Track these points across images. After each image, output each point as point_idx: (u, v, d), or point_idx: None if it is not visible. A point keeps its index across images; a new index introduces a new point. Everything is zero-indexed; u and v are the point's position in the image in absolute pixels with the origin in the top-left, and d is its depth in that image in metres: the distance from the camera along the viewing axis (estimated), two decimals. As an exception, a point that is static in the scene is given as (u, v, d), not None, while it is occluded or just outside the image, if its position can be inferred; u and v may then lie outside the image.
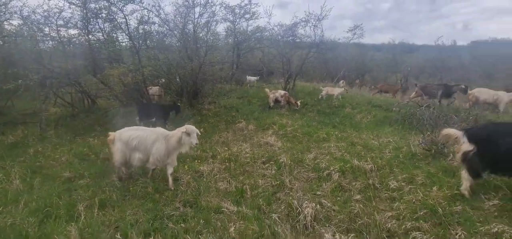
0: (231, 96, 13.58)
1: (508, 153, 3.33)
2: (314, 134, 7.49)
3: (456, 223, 3.24)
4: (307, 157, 5.84)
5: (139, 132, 4.78)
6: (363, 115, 10.11)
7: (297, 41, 15.13)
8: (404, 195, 4.01)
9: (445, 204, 3.57)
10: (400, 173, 4.63)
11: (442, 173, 4.36)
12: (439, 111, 7.14)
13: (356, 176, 4.79)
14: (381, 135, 7.11)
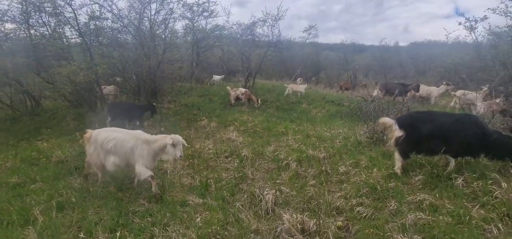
0: (191, 95, 13.50)
1: (427, 136, 4.07)
2: (273, 129, 7.94)
3: (390, 197, 3.86)
4: (267, 149, 6.22)
5: (117, 133, 4.42)
6: (318, 110, 10.91)
7: (256, 40, 15.59)
8: (351, 177, 4.59)
9: (383, 182, 4.20)
10: (348, 159, 5.25)
11: (381, 157, 5.06)
12: (380, 105, 8.08)
13: (311, 164, 5.30)
14: (333, 127, 7.82)
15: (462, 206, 3.35)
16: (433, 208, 3.43)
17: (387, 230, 3.19)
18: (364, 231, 3.30)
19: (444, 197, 3.56)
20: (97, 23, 9.73)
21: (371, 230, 3.31)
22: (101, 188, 4.50)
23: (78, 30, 9.19)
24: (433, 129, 4.07)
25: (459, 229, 3.02)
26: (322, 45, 39.10)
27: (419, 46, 34.80)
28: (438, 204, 3.48)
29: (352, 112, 9.14)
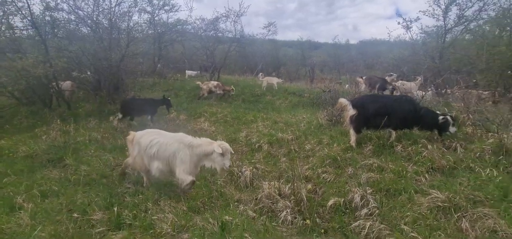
0: (155, 90, 13.34)
1: (374, 114, 4.97)
2: (243, 118, 8.47)
3: (348, 164, 4.68)
4: (239, 135, 6.74)
5: (160, 137, 4.09)
6: (281, 101, 11.71)
7: (219, 35, 15.90)
8: (316, 153, 5.35)
9: (342, 153, 5.02)
10: (312, 138, 6.02)
11: (339, 135, 5.92)
12: (336, 94, 9.12)
13: (281, 145, 5.96)
14: (297, 114, 8.63)
15: (400, 165, 4.27)
16: (380, 169, 4.31)
17: (347, 188, 3.95)
18: (329, 191, 4.04)
19: (388, 160, 4.47)
20: (53, 14, 9.17)
21: (334, 190, 4.06)
22: (83, 176, 4.59)
23: (32, 21, 8.61)
24: (378, 108, 5.01)
25: (399, 181, 3.91)
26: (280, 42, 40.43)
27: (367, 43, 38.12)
28: (383, 165, 4.37)
29: (312, 101, 10.09)
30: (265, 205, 3.86)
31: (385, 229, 3.15)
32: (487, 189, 3.31)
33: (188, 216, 3.54)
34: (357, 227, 3.29)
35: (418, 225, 3.07)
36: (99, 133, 7.05)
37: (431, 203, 3.29)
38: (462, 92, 5.69)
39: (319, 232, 3.32)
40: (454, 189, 3.39)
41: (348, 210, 3.62)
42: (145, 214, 3.57)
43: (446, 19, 9.77)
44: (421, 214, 3.22)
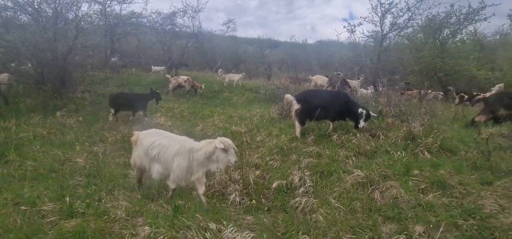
0: (108, 85, 12.77)
1: (315, 108, 5.62)
2: (199, 113, 8.72)
3: (292, 152, 5.27)
4: (196, 129, 7.01)
5: (162, 139, 3.88)
6: (238, 97, 12.13)
7: (176, 30, 15.71)
8: (266, 143, 5.88)
9: (288, 143, 5.61)
10: (263, 131, 6.55)
11: (287, 127, 6.53)
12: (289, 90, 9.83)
13: (235, 137, 6.37)
14: (252, 110, 9.13)
15: (335, 151, 4.98)
16: (318, 155, 4.98)
17: (289, 172, 4.52)
18: (275, 175, 4.57)
19: (325, 147, 5.17)
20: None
21: (279, 174, 4.60)
22: (29, 171, 4.48)
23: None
24: (318, 102, 5.68)
25: (332, 164, 4.59)
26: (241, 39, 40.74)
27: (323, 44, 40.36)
28: (321, 152, 5.05)
29: (267, 97, 10.69)
30: (216, 190, 4.25)
31: (317, 202, 3.76)
32: (395, 167, 4.11)
33: (142, 202, 3.76)
34: (295, 203, 3.84)
35: (342, 197, 3.72)
36: (45, 128, 6.72)
37: (354, 180, 3.98)
38: (387, 90, 6.69)
39: (263, 210, 3.80)
40: (372, 168, 4.13)
41: (289, 190, 4.17)
42: (99, 203, 3.70)
43: (383, 25, 11.13)
44: (346, 189, 3.89)
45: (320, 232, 3.21)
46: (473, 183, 3.60)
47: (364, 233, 3.09)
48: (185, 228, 3.13)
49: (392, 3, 10.78)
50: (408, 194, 3.55)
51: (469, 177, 3.75)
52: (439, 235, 2.89)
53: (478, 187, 3.51)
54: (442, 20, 10.81)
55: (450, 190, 3.56)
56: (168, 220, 3.32)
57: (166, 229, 3.11)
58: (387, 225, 3.21)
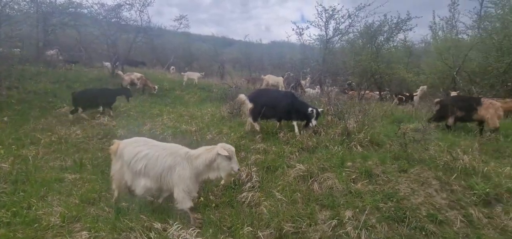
0: (41, 81, 11.47)
1: (264, 106, 5.85)
2: (148, 112, 8.39)
3: (241, 149, 5.43)
4: (143, 128, 6.75)
5: (149, 149, 3.37)
6: (190, 96, 11.94)
7: (122, 23, 14.73)
8: (215, 142, 5.92)
9: (237, 141, 5.75)
10: (214, 129, 6.60)
11: (237, 126, 6.70)
12: (241, 90, 10.02)
13: (185, 136, 6.31)
14: (204, 108, 9.09)
15: (281, 147, 5.29)
16: (265, 151, 5.22)
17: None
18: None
19: (272, 144, 5.45)
20: None
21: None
22: None
23: None
24: (267, 101, 5.92)
25: (277, 160, 4.87)
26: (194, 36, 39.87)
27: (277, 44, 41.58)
28: (268, 149, 5.31)
29: (220, 96, 10.73)
30: (164, 190, 4.19)
31: (262, 196, 3.98)
32: (332, 160, 4.56)
33: (81, 207, 3.56)
34: (242, 197, 4.01)
35: (285, 190, 4.00)
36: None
37: (296, 174, 4.30)
38: (329, 90, 7.31)
39: (211, 207, 3.89)
40: (312, 162, 4.51)
41: (237, 186, 4.32)
42: (28, 210, 3.39)
43: (327, 30, 12.03)
44: (288, 182, 4.19)
45: (263, 223, 3.42)
46: (393, 171, 4.18)
47: (303, 221, 3.39)
48: (128, 229, 3.07)
49: (334, 10, 11.71)
50: (341, 184, 3.97)
51: (391, 166, 4.34)
52: (364, 217, 3.32)
53: (396, 174, 4.09)
54: (377, 28, 12.10)
55: (375, 178, 4.09)
56: (109, 223, 3.21)
57: (107, 233, 3.02)
58: (323, 212, 3.57)
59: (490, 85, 10.09)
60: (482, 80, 10.52)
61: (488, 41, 10.56)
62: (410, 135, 4.87)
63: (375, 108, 8.03)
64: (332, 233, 3.21)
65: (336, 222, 3.33)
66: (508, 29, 9.72)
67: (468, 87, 10.39)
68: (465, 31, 12.59)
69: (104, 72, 14.36)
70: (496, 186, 3.86)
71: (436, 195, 3.74)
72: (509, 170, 4.57)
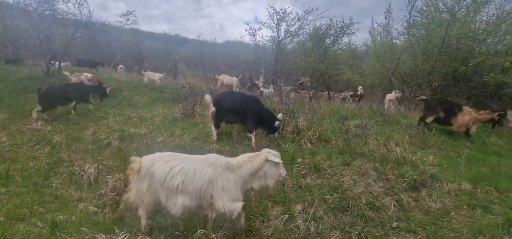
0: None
1: (227, 110, 5.64)
2: (90, 114, 7.71)
3: (195, 151, 5.32)
4: (84, 133, 6.18)
5: (182, 163, 3.00)
6: (140, 97, 11.27)
7: (58, 17, 13.22)
8: (167, 144, 5.73)
9: (191, 143, 5.63)
10: (165, 131, 6.35)
11: (191, 127, 6.54)
12: (195, 90, 9.80)
13: (133, 139, 5.95)
14: (155, 110, 8.67)
15: (235, 148, 5.33)
16: (219, 152, 5.19)
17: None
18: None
19: (226, 144, 5.46)
20: None
21: (180, 174, 4.59)
22: None
23: None
24: (230, 105, 5.68)
25: (231, 160, 4.89)
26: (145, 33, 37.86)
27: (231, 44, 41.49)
28: (222, 149, 5.31)
29: (172, 97, 10.35)
30: (109, 198, 3.92)
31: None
32: (284, 157, 4.71)
33: (7, 225, 3.13)
34: (195, 200, 3.94)
35: (239, 189, 4.04)
36: None
37: (249, 172, 4.37)
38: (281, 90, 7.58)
39: (162, 212, 3.75)
40: (264, 160, 4.64)
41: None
42: None
43: (279, 31, 12.44)
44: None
45: (217, 225, 3.42)
46: (338, 165, 4.53)
47: (256, 218, 3.48)
48: (66, 244, 2.81)
49: (285, 13, 12.16)
50: (292, 179, 4.17)
51: (336, 160, 4.68)
52: (313, 210, 3.53)
53: (341, 168, 4.44)
54: (324, 31, 12.91)
55: (323, 172, 4.38)
56: None
57: (40, 251, 2.72)
58: (275, 208, 3.70)
59: (418, 85, 11.51)
60: (412, 80, 11.95)
61: (416, 46, 12.03)
62: (353, 131, 5.31)
63: (324, 106, 8.57)
64: (284, 228, 3.35)
65: (287, 217, 3.48)
66: (431, 36, 11.19)
67: (401, 87, 11.70)
68: (398, 37, 14.14)
69: (37, 71, 12.77)
70: (422, 173, 4.44)
71: (374, 184, 4.15)
72: (432, 158, 5.31)
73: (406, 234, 3.34)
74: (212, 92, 9.23)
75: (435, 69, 11.03)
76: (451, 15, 10.22)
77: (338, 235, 3.22)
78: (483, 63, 9.97)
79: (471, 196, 4.17)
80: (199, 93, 9.68)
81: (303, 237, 3.20)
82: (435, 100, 7.57)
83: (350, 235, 3.23)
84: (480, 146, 6.71)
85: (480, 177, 4.70)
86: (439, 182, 4.40)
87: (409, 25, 12.77)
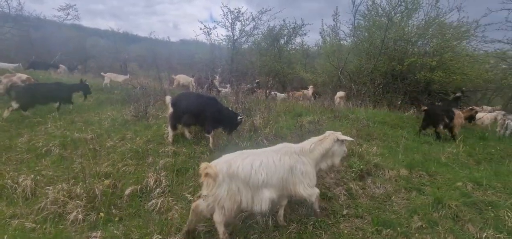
0: None
1: (183, 111, 5.44)
2: (24, 120, 6.85)
3: (149, 154, 5.09)
4: (18, 141, 5.48)
5: (259, 157, 3.02)
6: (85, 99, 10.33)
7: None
8: (118, 148, 5.37)
9: (144, 146, 5.36)
10: (115, 135, 5.93)
11: (144, 129, 6.22)
12: (147, 91, 9.33)
13: (77, 145, 5.46)
14: (102, 112, 8.03)
15: (191, 149, 5.22)
16: (175, 154, 5.06)
17: (143, 175, 4.37)
18: (128, 182, 4.29)
19: (182, 146, 5.32)
20: None
21: (133, 179, 4.35)
22: None
23: None
24: (187, 106, 5.48)
25: (188, 161, 4.79)
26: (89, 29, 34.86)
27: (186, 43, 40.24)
28: (179, 151, 5.16)
29: (122, 98, 9.70)
30: (50, 211, 3.55)
31: (173, 200, 3.85)
32: (242, 156, 4.81)
33: None
34: (151, 205, 3.78)
35: (197, 191, 3.98)
36: None
37: (208, 173, 4.33)
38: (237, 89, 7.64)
39: (114, 221, 3.51)
40: (223, 159, 4.64)
41: (144, 194, 4.04)
42: None
43: (234, 31, 12.49)
44: (200, 183, 4.16)
45: (174, 229, 3.32)
46: (294, 160, 4.72)
47: (215, 218, 3.46)
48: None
49: (239, 12, 12.25)
50: (250, 177, 4.23)
51: (292, 156, 4.88)
52: (269, 205, 3.63)
53: (296, 163, 4.64)
54: (278, 31, 13.34)
55: (279, 168, 4.53)
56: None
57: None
58: (234, 207, 3.72)
59: (363, 83, 12.56)
60: (358, 78, 13.00)
61: (360, 47, 13.11)
62: (307, 126, 5.59)
63: (280, 104, 8.85)
64: (243, 225, 3.39)
65: (246, 214, 3.53)
66: (373, 38, 12.30)
67: (349, 85, 12.65)
68: (345, 38, 15.26)
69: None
70: (367, 163, 4.87)
71: (326, 176, 4.43)
72: (375, 149, 5.85)
73: (355, 219, 3.64)
74: (165, 92, 8.90)
75: (377, 68, 12.16)
76: (389, 19, 11.37)
77: (295, 227, 3.37)
78: (415, 63, 11.30)
79: (408, 180, 4.69)
80: (152, 94, 9.26)
81: (262, 232, 3.28)
82: (438, 110, 7.94)
83: (306, 225, 3.40)
84: (415, 136, 7.59)
85: (414, 163, 5.31)
86: (381, 170, 4.86)
87: (354, 28, 13.84)
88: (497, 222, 3.53)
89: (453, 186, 4.52)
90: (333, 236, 3.25)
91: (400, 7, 11.79)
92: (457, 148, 6.45)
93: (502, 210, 3.74)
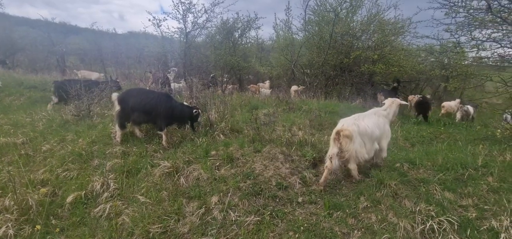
0: None
1: (132, 109, 5.07)
2: None
3: (94, 157, 4.67)
4: None
5: (363, 119, 4.07)
6: (14, 98, 9.08)
7: None
8: (56, 152, 4.82)
9: (87, 148, 4.90)
10: (53, 138, 5.31)
11: (87, 129, 5.68)
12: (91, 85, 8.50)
13: (5, 151, 4.77)
14: (36, 113, 7.12)
15: (143, 147, 4.92)
16: (125, 154, 4.73)
17: (91, 178, 4.00)
18: (70, 188, 3.89)
19: (132, 145, 4.99)
20: None
21: (76, 185, 3.96)
22: None
23: None
24: (137, 103, 5.10)
25: (140, 161, 4.51)
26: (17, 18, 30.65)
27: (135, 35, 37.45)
28: (128, 150, 4.83)
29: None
30: (-29, 230, 3.05)
31: (124, 203, 3.61)
32: (198, 152, 4.69)
33: None
34: (98, 212, 3.49)
35: (150, 191, 3.78)
36: None
37: (161, 171, 4.15)
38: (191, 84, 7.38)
39: (53, 233, 3.17)
40: (177, 156, 4.47)
41: (90, 200, 3.71)
42: None
43: (186, 23, 12.01)
44: (154, 182, 3.98)
45: (126, 234, 3.12)
46: (250, 153, 4.76)
47: (170, 218, 3.34)
48: None
49: (191, 3, 11.80)
50: (206, 173, 4.16)
51: (248, 148, 4.91)
52: (228, 199, 3.63)
53: (252, 155, 4.68)
54: (232, 24, 13.20)
55: (236, 161, 4.53)
56: None
57: None
58: (191, 204, 3.63)
59: (315, 76, 13.17)
60: (311, 71, 13.59)
61: (311, 41, 13.69)
62: (262, 119, 5.67)
63: (236, 98, 8.82)
64: (201, 222, 3.33)
65: (203, 210, 3.47)
66: (322, 32, 12.93)
67: (302, 78, 13.16)
68: (297, 32, 15.75)
69: None
70: (319, 152, 5.13)
71: (282, 167, 4.56)
72: (327, 138, 6.18)
73: (309, 205, 3.82)
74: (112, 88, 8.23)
75: (327, 61, 12.84)
76: (336, 14, 12.04)
77: (253, 218, 3.42)
78: (360, 56, 12.20)
79: (355, 165, 5.08)
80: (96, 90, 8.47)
81: (220, 227, 3.26)
82: (428, 100, 10.23)
83: (264, 216, 3.47)
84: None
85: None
86: (332, 157, 5.17)
87: (305, 22, 14.37)
88: (428, 196, 4.01)
89: (392, 167, 5.03)
90: (289, 224, 3.37)
91: (345, 3, 12.57)
92: (395, 133, 7.16)
93: (432, 185, 4.26)
